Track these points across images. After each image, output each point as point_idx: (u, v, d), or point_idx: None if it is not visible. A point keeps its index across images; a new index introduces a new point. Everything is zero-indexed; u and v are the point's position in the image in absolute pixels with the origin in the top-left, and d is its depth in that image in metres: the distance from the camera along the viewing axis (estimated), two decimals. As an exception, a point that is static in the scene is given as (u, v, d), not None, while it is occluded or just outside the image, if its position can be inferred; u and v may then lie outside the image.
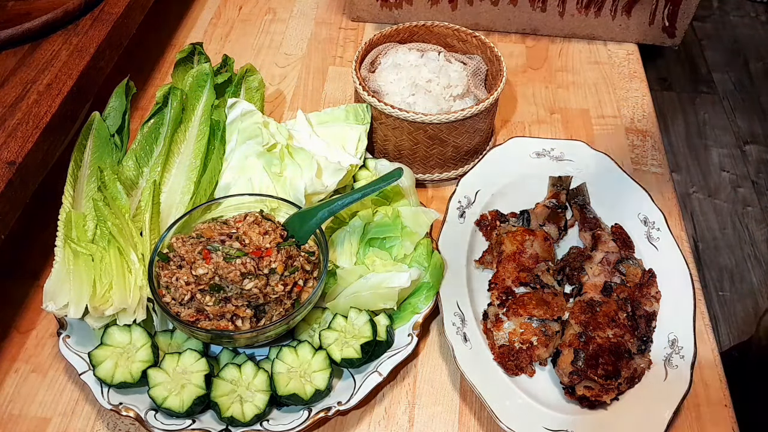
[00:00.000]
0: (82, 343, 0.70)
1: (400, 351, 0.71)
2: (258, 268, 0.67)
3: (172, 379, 0.66)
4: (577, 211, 0.87)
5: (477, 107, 0.84)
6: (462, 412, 0.71)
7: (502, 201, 0.88)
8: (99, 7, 0.91)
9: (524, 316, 0.75)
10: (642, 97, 1.08)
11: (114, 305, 0.68)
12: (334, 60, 1.13)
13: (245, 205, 0.76)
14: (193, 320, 0.67)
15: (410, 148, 0.88)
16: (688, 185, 2.38)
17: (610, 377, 0.69)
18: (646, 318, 0.75)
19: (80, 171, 0.78)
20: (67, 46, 0.85)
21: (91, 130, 0.81)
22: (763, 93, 2.73)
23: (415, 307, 0.75)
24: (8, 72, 0.81)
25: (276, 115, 1.02)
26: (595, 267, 0.79)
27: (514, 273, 0.79)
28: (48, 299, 0.68)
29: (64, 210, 0.74)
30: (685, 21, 1.13)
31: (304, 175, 0.78)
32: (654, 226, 0.84)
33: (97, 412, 0.70)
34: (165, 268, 0.69)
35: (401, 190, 0.83)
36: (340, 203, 0.73)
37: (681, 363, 0.71)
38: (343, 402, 0.68)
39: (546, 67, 1.13)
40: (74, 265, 0.69)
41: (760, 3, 3.18)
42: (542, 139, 0.93)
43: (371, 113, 0.87)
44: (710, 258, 2.14)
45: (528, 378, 0.72)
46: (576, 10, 1.13)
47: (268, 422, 0.66)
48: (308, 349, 0.69)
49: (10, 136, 0.73)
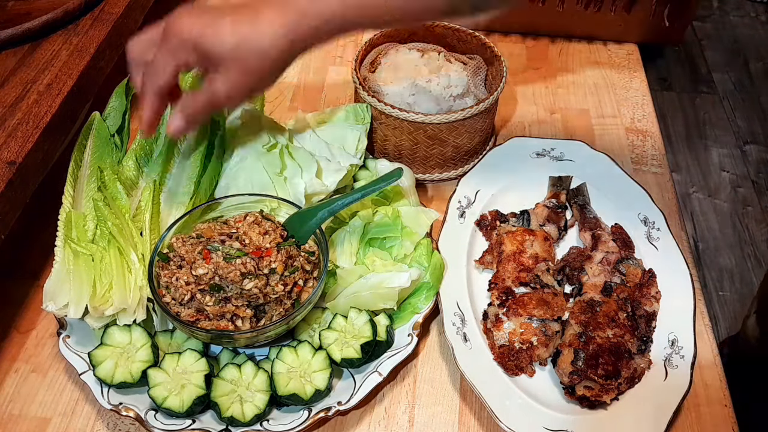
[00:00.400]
0: (82, 343, 0.70)
1: (400, 351, 0.71)
2: (258, 268, 0.67)
3: (172, 379, 0.66)
4: (577, 211, 0.87)
5: (477, 107, 0.84)
6: (462, 412, 0.71)
7: (502, 201, 0.88)
8: (99, 7, 0.91)
9: (524, 316, 0.75)
10: (642, 97, 1.08)
11: (114, 305, 0.68)
12: (334, 60, 1.13)
13: (245, 205, 0.76)
14: (193, 320, 0.67)
15: (410, 148, 0.88)
16: (688, 185, 2.38)
17: (610, 377, 0.69)
18: (646, 318, 0.75)
19: (80, 171, 0.78)
20: (67, 46, 0.85)
21: (91, 130, 0.81)
22: (763, 93, 2.73)
23: (415, 307, 0.75)
24: (8, 72, 0.81)
25: (276, 115, 1.02)
26: (595, 267, 0.79)
27: (514, 273, 0.79)
28: (48, 299, 0.68)
29: (64, 210, 0.74)
30: (685, 21, 1.13)
31: (304, 175, 0.78)
32: (654, 226, 0.84)
33: (97, 412, 0.70)
34: (165, 268, 0.69)
35: (401, 190, 0.83)
36: (340, 203, 0.73)
37: (681, 363, 0.71)
38: (343, 402, 0.68)
39: (546, 67, 1.13)
40: (74, 265, 0.69)
41: (760, 3, 3.18)
42: (542, 139, 0.93)
43: (371, 113, 0.87)
44: (710, 258, 2.14)
45: (528, 378, 0.72)
46: (576, 10, 1.13)
47: (268, 422, 0.66)
48: (308, 349, 0.69)
49: (10, 136, 0.73)
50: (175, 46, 0.62)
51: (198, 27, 0.61)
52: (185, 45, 0.62)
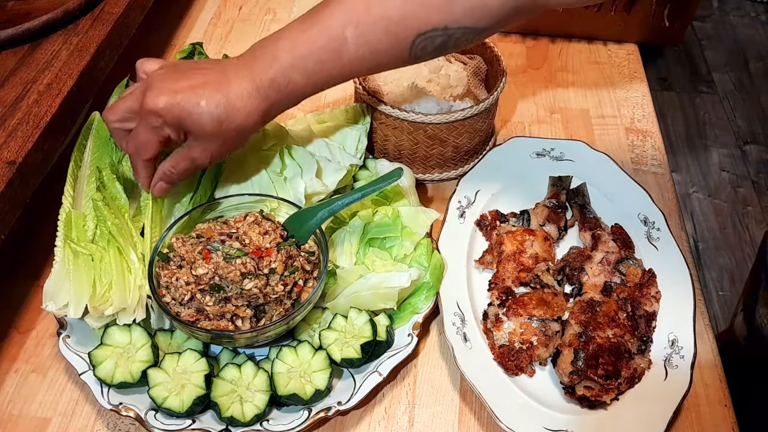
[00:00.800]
0: (82, 343, 0.70)
1: (400, 351, 0.71)
2: (258, 268, 0.67)
3: (172, 379, 0.66)
4: (577, 211, 0.87)
5: (477, 107, 0.84)
6: (462, 412, 0.71)
7: (502, 201, 0.88)
8: (99, 7, 0.91)
9: (524, 316, 0.75)
10: (642, 97, 1.08)
11: (114, 305, 0.68)
12: (334, 60, 1.13)
13: (245, 205, 0.76)
14: (193, 320, 0.67)
15: (410, 148, 0.88)
16: (688, 185, 2.38)
17: (610, 377, 0.69)
18: (646, 318, 0.75)
19: (80, 171, 0.78)
20: (67, 46, 0.85)
21: (91, 130, 0.81)
22: (763, 93, 2.73)
23: (415, 307, 0.75)
24: (8, 72, 0.81)
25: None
26: (595, 267, 0.79)
27: (514, 273, 0.79)
28: (48, 299, 0.68)
29: (64, 210, 0.74)
30: (685, 21, 1.13)
31: (304, 175, 0.78)
32: (654, 226, 0.84)
33: (97, 412, 0.70)
34: (165, 268, 0.69)
35: (401, 190, 0.83)
36: (340, 203, 0.73)
37: (681, 363, 0.71)
38: (343, 402, 0.68)
39: (546, 67, 1.13)
40: (74, 265, 0.69)
41: (760, 3, 3.18)
42: (542, 139, 0.94)
43: (371, 113, 0.87)
44: (710, 258, 2.14)
45: (528, 378, 0.72)
46: (576, 10, 1.13)
47: (268, 422, 0.66)
48: (308, 349, 0.69)
49: (10, 135, 0.73)
50: (155, 124, 0.66)
51: (176, 107, 0.65)
52: (165, 123, 0.66)
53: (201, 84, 0.66)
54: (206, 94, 0.65)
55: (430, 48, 0.68)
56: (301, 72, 0.67)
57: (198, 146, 0.68)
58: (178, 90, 0.65)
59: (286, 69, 0.67)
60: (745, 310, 0.96)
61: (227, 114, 0.65)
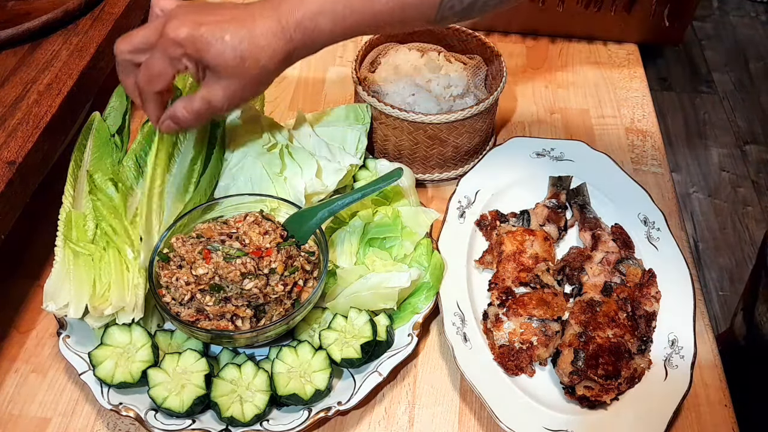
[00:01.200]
0: (82, 343, 0.70)
1: (400, 351, 0.71)
2: (258, 268, 0.67)
3: (172, 379, 0.66)
4: (577, 211, 0.87)
5: (477, 107, 0.84)
6: (462, 412, 0.71)
7: (502, 201, 0.88)
8: (99, 6, 0.91)
9: (524, 316, 0.75)
10: (642, 97, 1.08)
11: (113, 304, 0.68)
12: (334, 60, 1.13)
13: (245, 205, 0.76)
14: (193, 320, 0.67)
15: (410, 148, 0.88)
16: (688, 185, 2.38)
17: (610, 377, 0.69)
18: (646, 318, 0.75)
19: (80, 171, 0.78)
20: (67, 46, 0.85)
21: (91, 130, 0.81)
22: (763, 93, 2.73)
23: (415, 307, 0.75)
24: (8, 72, 0.81)
25: (276, 115, 1.02)
26: (595, 267, 0.79)
27: (514, 273, 0.79)
28: (48, 299, 0.68)
29: (64, 210, 0.74)
30: (685, 21, 1.13)
31: (304, 175, 0.78)
32: (654, 226, 0.84)
33: (97, 412, 0.70)
34: (165, 268, 0.69)
35: (401, 190, 0.83)
36: (340, 203, 0.73)
37: (681, 363, 0.71)
38: (343, 402, 0.68)
39: (546, 67, 1.13)
40: (74, 265, 0.69)
41: (760, 3, 3.18)
42: (542, 139, 0.94)
43: (371, 113, 0.87)
44: (710, 258, 2.14)
45: (528, 378, 0.72)
46: (576, 10, 1.13)
47: (268, 422, 0.66)
48: (308, 349, 0.69)
49: (10, 135, 0.73)
50: (174, 54, 0.63)
51: (199, 40, 0.62)
52: (185, 54, 0.62)
53: (226, 20, 0.63)
54: (231, 29, 0.62)
55: (458, 7, 0.66)
56: (329, 17, 0.65)
57: (217, 84, 0.64)
58: (202, 23, 0.62)
59: (315, 13, 0.64)
60: (744, 308, 0.96)
61: (251, 51, 0.62)
